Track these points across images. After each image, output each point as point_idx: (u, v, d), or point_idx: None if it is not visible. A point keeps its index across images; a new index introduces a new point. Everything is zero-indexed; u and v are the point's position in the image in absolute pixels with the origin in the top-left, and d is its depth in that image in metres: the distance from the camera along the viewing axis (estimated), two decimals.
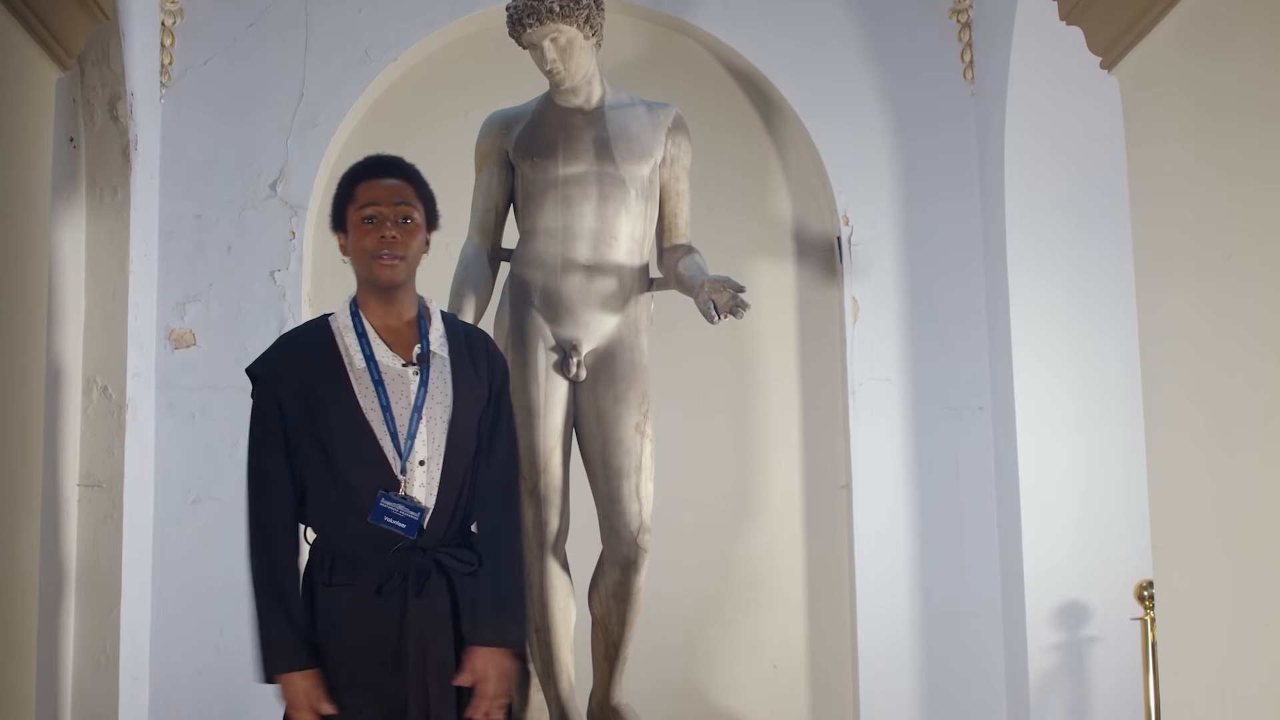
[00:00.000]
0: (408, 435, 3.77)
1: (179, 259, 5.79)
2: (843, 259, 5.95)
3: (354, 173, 3.95)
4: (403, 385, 3.81)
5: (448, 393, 3.84)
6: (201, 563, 5.63)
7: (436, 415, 3.81)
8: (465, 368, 3.89)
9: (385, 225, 3.82)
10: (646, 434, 4.80)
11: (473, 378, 3.90)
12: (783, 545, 5.99)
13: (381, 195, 3.85)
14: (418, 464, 3.77)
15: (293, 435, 3.80)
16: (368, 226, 3.83)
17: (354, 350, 3.83)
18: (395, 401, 3.79)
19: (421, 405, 3.80)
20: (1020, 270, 5.67)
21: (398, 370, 3.82)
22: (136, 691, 5.47)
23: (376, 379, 3.79)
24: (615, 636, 4.85)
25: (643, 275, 4.94)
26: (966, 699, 5.76)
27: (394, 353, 3.83)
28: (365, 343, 3.83)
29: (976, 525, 5.83)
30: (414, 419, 3.78)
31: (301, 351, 3.88)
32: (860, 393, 5.87)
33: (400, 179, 3.91)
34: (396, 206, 3.84)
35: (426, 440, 3.79)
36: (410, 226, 3.85)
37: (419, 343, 3.87)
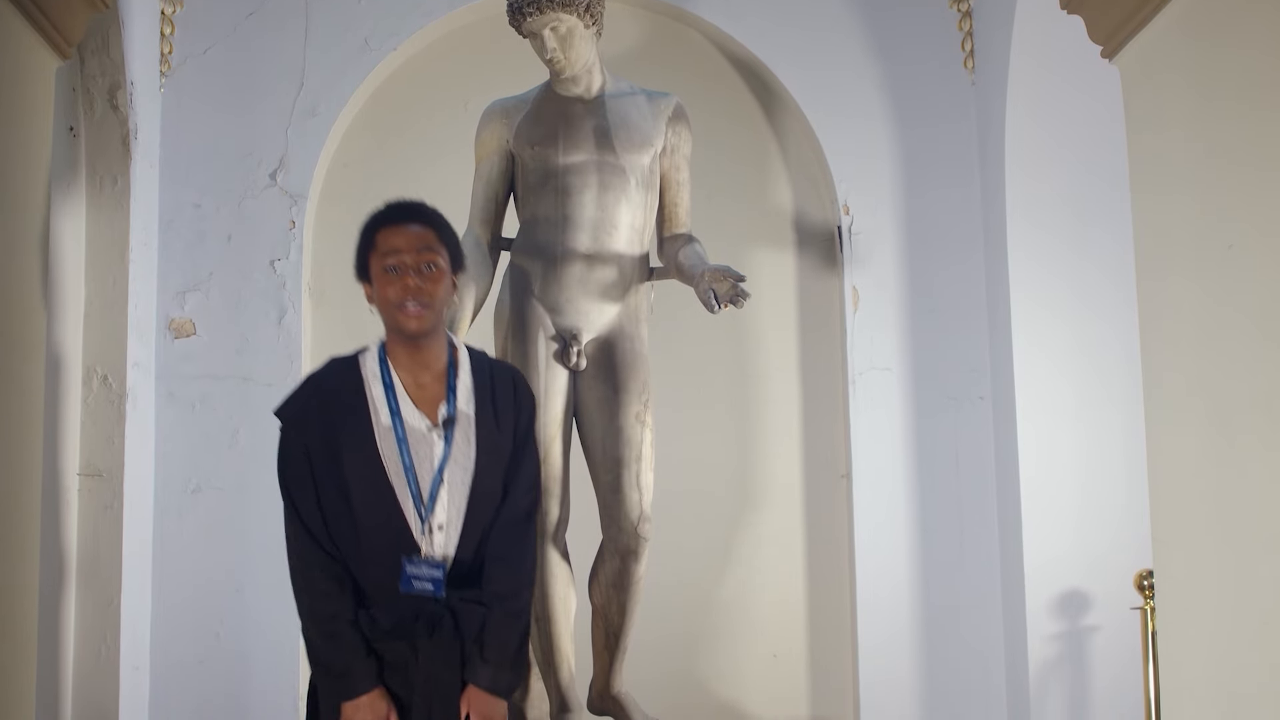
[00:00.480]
0: (430, 497, 3.74)
1: (179, 248, 5.78)
2: (843, 248, 5.94)
3: (375, 220, 3.85)
4: (427, 447, 3.76)
5: (470, 454, 3.78)
6: (202, 552, 5.63)
7: (457, 478, 3.76)
8: (489, 425, 3.82)
9: (409, 274, 3.73)
10: (647, 423, 4.80)
11: (496, 434, 3.82)
12: (783, 534, 5.99)
13: (404, 243, 3.76)
14: (436, 527, 3.74)
15: (320, 479, 3.76)
16: (391, 276, 3.75)
17: (380, 405, 3.77)
18: (419, 463, 3.75)
19: (444, 466, 3.75)
20: (1020, 259, 5.66)
21: (422, 432, 3.76)
22: (137, 681, 5.47)
23: (401, 437, 3.74)
24: (615, 625, 4.85)
25: (643, 264, 4.93)
26: (966, 688, 5.76)
27: (420, 412, 3.77)
28: (392, 396, 3.78)
29: (977, 514, 5.83)
30: (436, 481, 3.74)
31: (329, 399, 3.80)
32: (860, 382, 5.86)
33: (422, 225, 3.81)
34: (420, 254, 3.75)
35: (446, 504, 3.75)
36: (435, 273, 3.75)
37: (446, 400, 3.81)
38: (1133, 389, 5.39)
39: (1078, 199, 5.67)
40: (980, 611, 5.79)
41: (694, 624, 5.88)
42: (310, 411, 3.81)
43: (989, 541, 5.81)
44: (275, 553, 5.51)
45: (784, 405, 6.06)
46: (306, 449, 3.77)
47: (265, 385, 5.69)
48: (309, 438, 3.77)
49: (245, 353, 5.74)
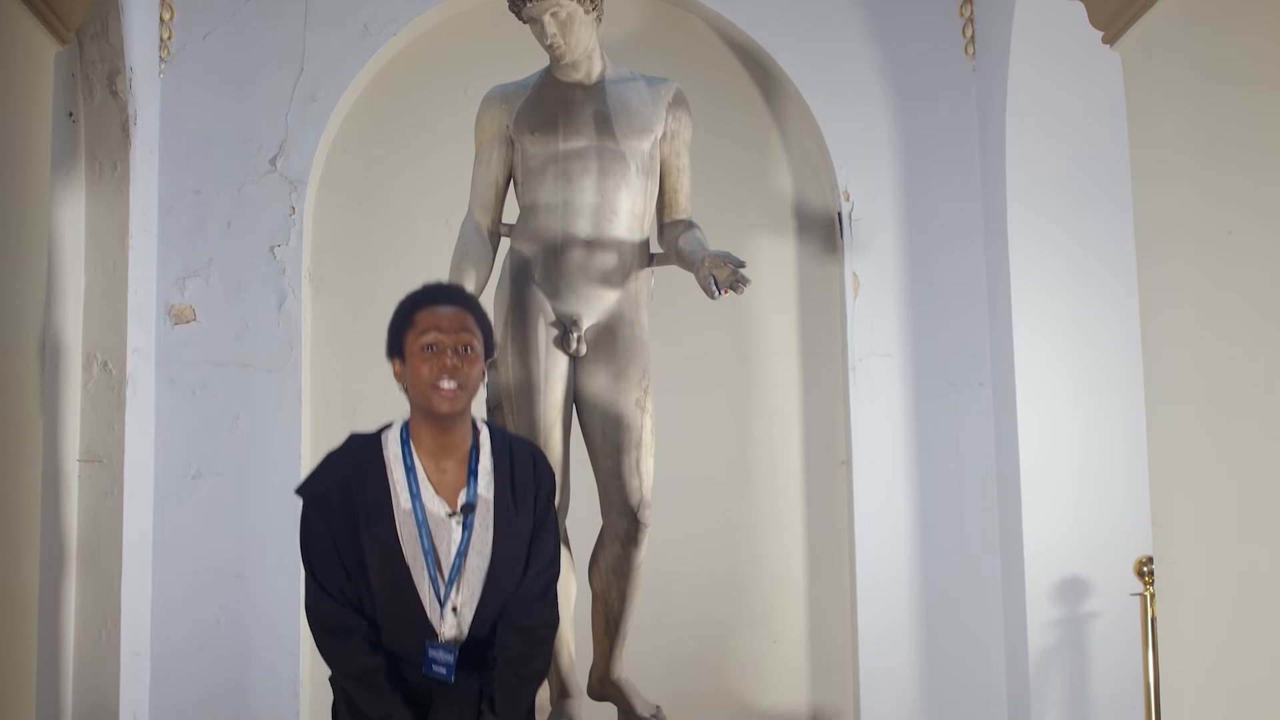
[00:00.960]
0: (447, 582, 3.78)
1: (179, 234, 5.78)
2: (843, 234, 5.94)
3: (413, 300, 3.89)
4: (446, 533, 3.80)
5: (487, 540, 3.82)
6: (202, 538, 5.64)
7: (475, 564, 3.81)
8: (507, 510, 3.86)
9: (446, 354, 3.77)
10: (647, 409, 4.80)
11: (514, 518, 3.86)
12: (783, 520, 5.99)
13: (443, 323, 3.81)
14: (451, 611, 3.79)
15: (344, 555, 3.79)
16: (428, 355, 3.78)
17: (401, 489, 3.80)
18: (438, 547, 3.79)
19: (463, 552, 3.80)
20: (1021, 245, 5.66)
21: (442, 518, 3.80)
22: (138, 667, 5.47)
23: (421, 520, 3.78)
24: (615, 611, 4.86)
25: (643, 250, 4.93)
26: (966, 674, 5.76)
27: (440, 498, 3.81)
28: (414, 480, 3.81)
29: (976, 501, 5.83)
30: (455, 565, 3.79)
31: (350, 479, 3.83)
32: (860, 368, 5.86)
33: (460, 307, 3.86)
34: (458, 335, 3.79)
35: (463, 589, 3.79)
36: (470, 356, 3.80)
37: (466, 487, 3.84)
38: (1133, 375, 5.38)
39: (1078, 184, 5.66)
40: (980, 597, 5.80)
41: (694, 610, 5.87)
42: (331, 491, 3.83)
43: (989, 528, 5.81)
44: (276, 538, 5.59)
45: (784, 391, 6.06)
46: (329, 527, 3.80)
47: (265, 371, 5.70)
48: (330, 517, 3.81)
49: (245, 339, 5.74)
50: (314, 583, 3.82)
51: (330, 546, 3.79)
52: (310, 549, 3.83)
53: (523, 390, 4.74)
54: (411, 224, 6.01)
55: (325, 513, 3.81)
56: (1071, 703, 5.49)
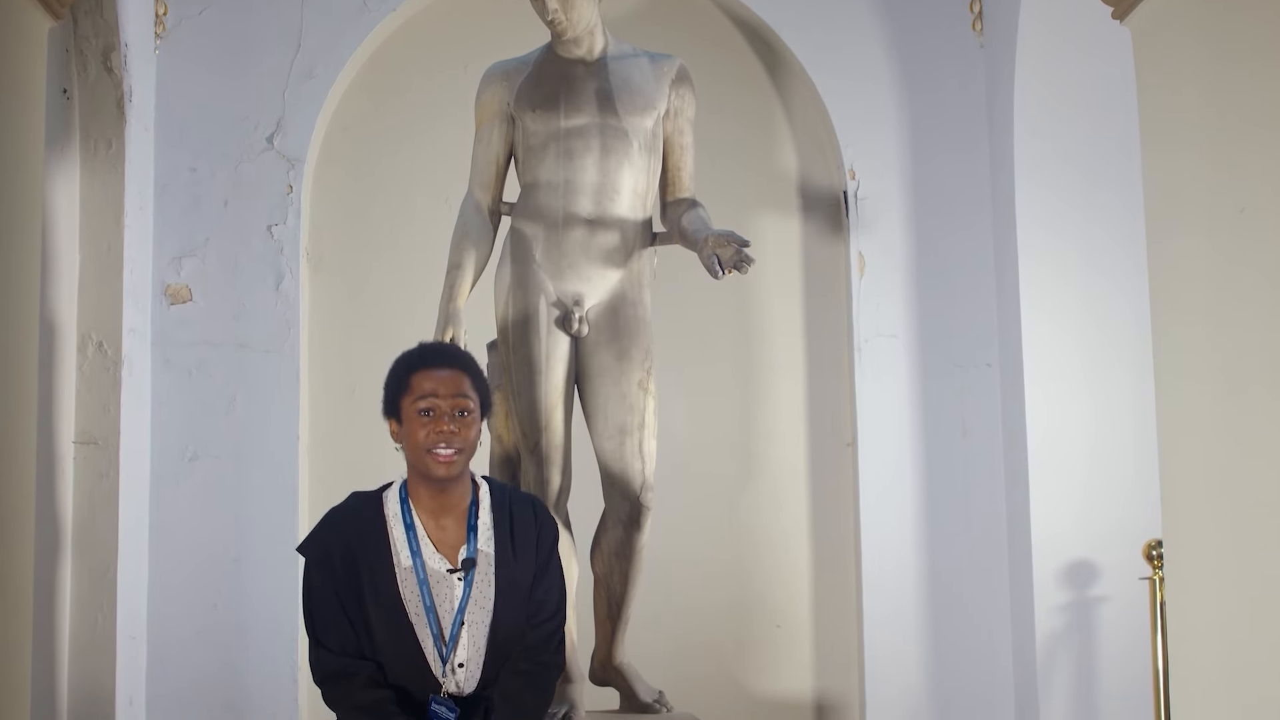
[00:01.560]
0: (450, 638, 3.79)
1: (175, 213, 5.78)
2: (849, 213, 5.93)
3: (408, 362, 3.89)
4: (447, 590, 3.81)
5: (489, 595, 3.82)
6: (199, 521, 5.64)
7: (477, 619, 3.81)
8: (508, 563, 3.86)
9: (442, 419, 3.78)
10: (649, 390, 4.79)
11: (515, 571, 3.86)
12: (787, 503, 5.99)
13: (439, 387, 3.81)
14: (456, 666, 3.80)
15: (348, 611, 3.80)
16: (424, 419, 3.79)
17: (402, 546, 3.81)
18: (440, 603, 3.80)
19: (465, 608, 3.80)
20: (1029, 224, 5.65)
21: (442, 575, 3.81)
22: (134, 652, 5.48)
23: (422, 579, 3.79)
24: (618, 595, 4.86)
25: (646, 229, 4.92)
26: (972, 658, 5.76)
27: (440, 554, 3.82)
28: (414, 538, 3.83)
29: (983, 483, 5.83)
30: (457, 621, 3.80)
31: (352, 537, 3.84)
32: (866, 349, 5.86)
33: (456, 369, 3.86)
34: (454, 399, 3.80)
35: (467, 644, 3.80)
36: (467, 419, 3.80)
37: (466, 543, 3.85)
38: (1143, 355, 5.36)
39: (1087, 162, 5.65)
40: (987, 582, 5.79)
41: (697, 594, 5.88)
42: (333, 551, 3.84)
43: (996, 511, 5.81)
44: (273, 522, 5.59)
45: (788, 373, 6.06)
46: (334, 585, 3.81)
47: (263, 352, 5.70)
48: (334, 575, 3.81)
49: (242, 319, 5.74)
50: (317, 643, 3.83)
51: (335, 604, 3.79)
52: (314, 607, 3.84)
53: (524, 371, 4.74)
54: (411, 203, 6.01)
55: (329, 571, 3.82)
56: (1079, 688, 5.49)
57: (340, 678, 3.79)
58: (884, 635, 5.76)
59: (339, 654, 3.78)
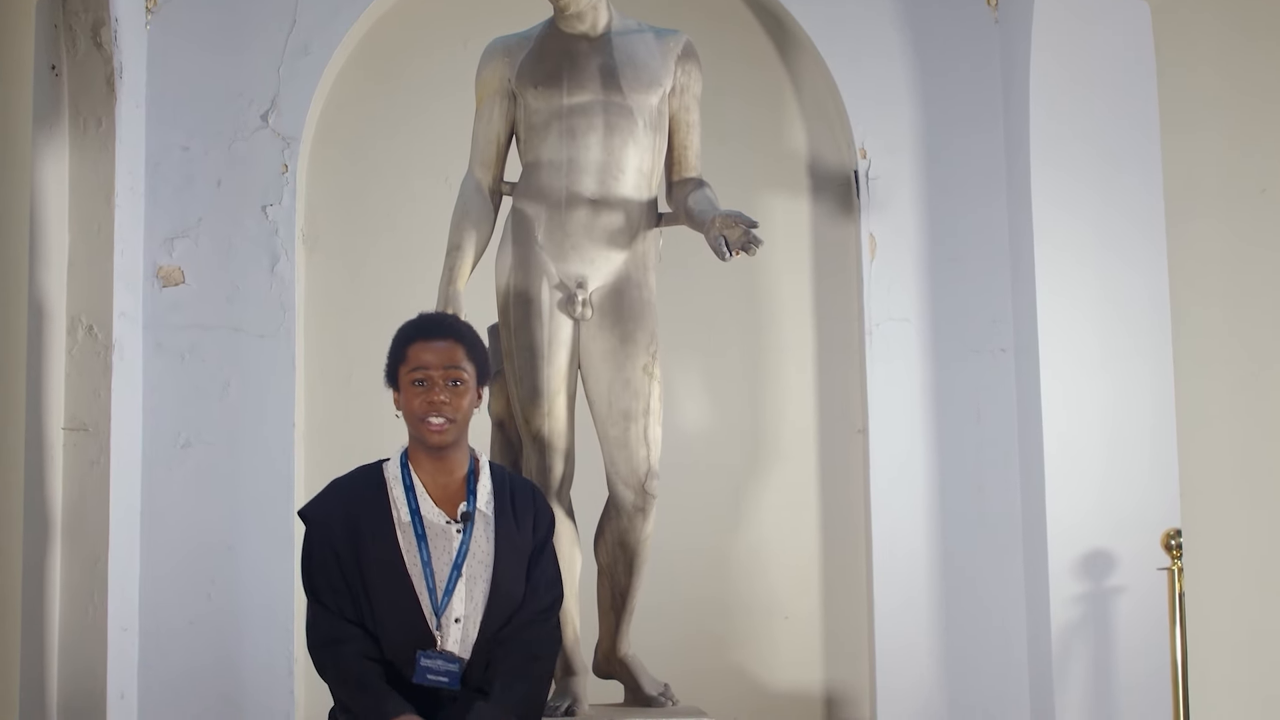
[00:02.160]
0: (445, 592, 3.87)
1: (166, 193, 5.77)
2: (860, 194, 5.93)
3: (405, 334, 4.03)
4: (445, 541, 3.91)
5: (489, 551, 3.93)
6: (192, 509, 5.64)
7: (477, 574, 3.90)
8: (509, 526, 3.98)
9: (435, 389, 3.92)
10: (655, 375, 4.80)
11: (515, 535, 3.98)
12: (796, 492, 6.00)
13: (432, 359, 3.94)
14: (453, 621, 3.88)
15: (347, 576, 3.89)
16: (418, 389, 3.93)
17: (401, 503, 3.93)
18: (436, 557, 3.89)
19: (462, 563, 3.89)
20: (1045, 205, 5.64)
21: (441, 526, 3.92)
22: (125, 643, 5.48)
23: (420, 534, 3.90)
24: (622, 586, 4.88)
25: (651, 210, 4.92)
26: (986, 651, 5.76)
27: (440, 509, 3.93)
28: (412, 497, 3.94)
29: (998, 471, 5.83)
30: (453, 576, 3.88)
31: (352, 498, 3.97)
32: (878, 333, 5.85)
33: (451, 340, 4.00)
34: (446, 370, 3.93)
35: (465, 598, 3.88)
36: (460, 389, 3.94)
37: (466, 500, 3.96)
38: (1161, 339, 5.39)
39: (1105, 142, 5.64)
40: (1001, 572, 5.79)
41: (703, 584, 5.89)
42: (334, 511, 3.96)
43: (1010, 499, 5.81)
44: (268, 510, 5.60)
45: (798, 357, 6.06)
46: (333, 548, 3.91)
47: (257, 336, 5.70)
48: (334, 537, 3.92)
49: (236, 302, 5.74)
50: (314, 601, 3.93)
51: (333, 565, 3.89)
52: (312, 568, 3.94)
53: (526, 356, 4.75)
54: (409, 182, 6.01)
55: (328, 533, 3.93)
56: (1095, 681, 5.50)
57: (330, 644, 3.86)
58: (895, 626, 5.75)
59: (334, 612, 3.87)
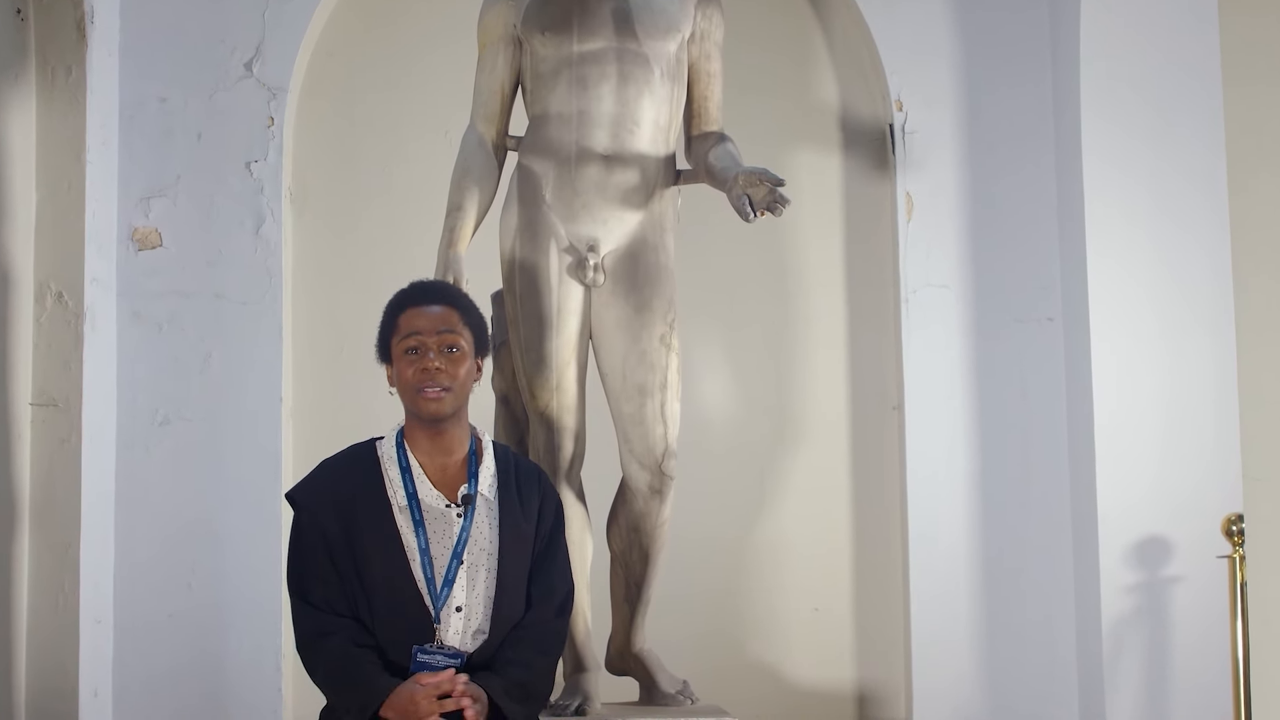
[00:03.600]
0: (444, 581, 3.91)
1: (142, 148, 5.78)
2: (895, 149, 5.93)
3: (397, 302, 4.09)
4: (444, 526, 3.95)
5: (492, 539, 3.98)
6: (171, 492, 5.65)
7: (479, 561, 3.95)
8: (513, 511, 4.02)
9: (429, 356, 3.96)
10: (673, 346, 4.80)
11: (520, 521, 4.02)
12: (826, 474, 6.01)
13: (424, 325, 4.00)
14: (454, 610, 3.91)
15: (339, 562, 3.92)
16: (411, 358, 3.98)
17: (397, 486, 3.97)
18: (435, 543, 3.93)
19: (462, 550, 3.93)
20: (1096, 163, 5.65)
21: (440, 510, 3.96)
22: (99, 637, 5.50)
23: (417, 519, 3.93)
24: (637, 575, 4.89)
25: (668, 166, 4.92)
26: (1031, 647, 5.77)
27: (438, 492, 3.98)
28: (409, 479, 3.98)
29: (1045, 451, 5.84)
30: (453, 564, 3.92)
31: (344, 481, 4.01)
32: (914, 301, 5.86)
33: (445, 305, 4.05)
34: (441, 335, 3.98)
35: (466, 586, 3.92)
36: (456, 356, 3.99)
37: (467, 483, 3.99)
38: (1222, 308, 5.40)
39: (1161, 93, 5.64)
40: (1048, 560, 5.81)
41: (725, 574, 5.91)
42: (324, 495, 4.00)
43: (1058, 482, 5.82)
44: (254, 491, 5.61)
45: (827, 328, 6.07)
46: (323, 534, 3.94)
47: (241, 303, 5.70)
48: (325, 522, 3.95)
49: (219, 266, 5.74)
50: (299, 599, 3.95)
51: (323, 553, 3.93)
52: (300, 557, 3.97)
53: (532, 325, 4.76)
54: (405, 137, 6.02)
55: (318, 519, 3.96)
56: (1150, 678, 5.51)
57: (319, 637, 3.89)
58: (933, 620, 5.78)
59: (324, 610, 3.89)
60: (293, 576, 3.96)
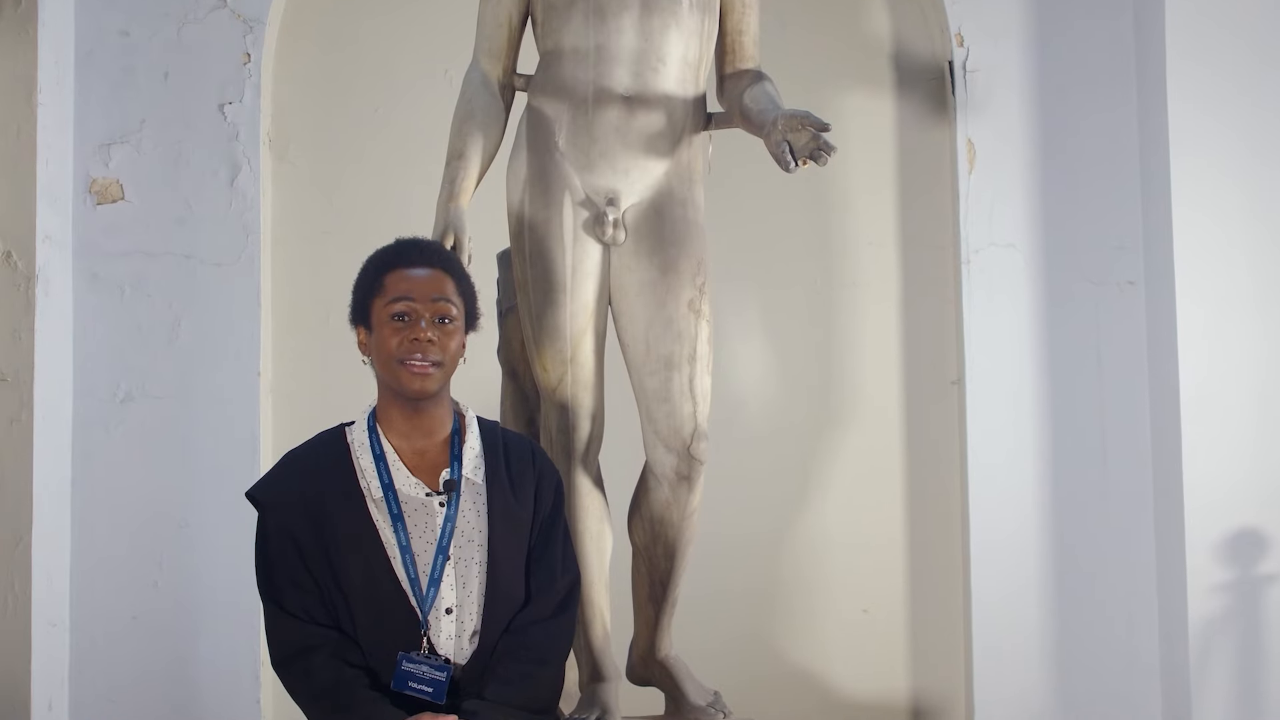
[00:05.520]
0: (430, 580, 3.87)
1: (102, 89, 5.77)
2: (955, 90, 5.91)
3: (382, 259, 4.03)
4: (426, 519, 3.91)
5: (481, 529, 3.94)
6: (135, 478, 5.66)
7: (469, 555, 3.91)
8: (503, 495, 3.98)
9: (418, 325, 3.91)
10: (703, 313, 4.75)
11: (512, 506, 3.98)
12: (876, 458, 6.02)
13: (415, 289, 3.94)
14: (444, 613, 3.88)
15: (313, 568, 3.89)
16: (398, 325, 3.92)
17: (371, 476, 3.93)
18: (417, 538, 3.89)
19: (447, 544, 3.89)
20: (1183, 107, 5.63)
21: (420, 501, 3.92)
22: (54, 640, 5.51)
23: (395, 512, 3.90)
24: (662, 572, 4.85)
25: (698, 109, 4.89)
26: (1109, 653, 5.77)
27: (416, 479, 3.93)
28: (384, 467, 3.93)
29: (1124, 431, 5.83)
30: (438, 560, 3.88)
31: (311, 475, 3.97)
32: (977, 262, 5.84)
33: (438, 270, 4.01)
34: (433, 303, 3.93)
35: (456, 585, 3.89)
36: (448, 328, 3.95)
37: (450, 467, 3.95)
38: None
39: (1257, 30, 5.64)
40: (1127, 556, 5.80)
41: (762, 571, 5.92)
42: (290, 493, 3.95)
43: (1139, 466, 5.81)
44: (228, 478, 5.60)
45: (879, 292, 6.07)
46: (293, 537, 3.90)
47: (214, 265, 5.70)
48: (293, 524, 3.91)
49: (188, 222, 5.74)
50: (274, 606, 3.92)
51: (295, 557, 3.90)
52: (270, 563, 3.94)
53: (543, 289, 4.72)
54: (398, 76, 6.02)
55: (285, 518, 3.92)
56: (1242, 685, 5.51)
57: (298, 655, 3.86)
58: (997, 623, 5.77)
59: (303, 620, 3.86)
60: (263, 584, 3.93)
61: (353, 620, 3.86)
